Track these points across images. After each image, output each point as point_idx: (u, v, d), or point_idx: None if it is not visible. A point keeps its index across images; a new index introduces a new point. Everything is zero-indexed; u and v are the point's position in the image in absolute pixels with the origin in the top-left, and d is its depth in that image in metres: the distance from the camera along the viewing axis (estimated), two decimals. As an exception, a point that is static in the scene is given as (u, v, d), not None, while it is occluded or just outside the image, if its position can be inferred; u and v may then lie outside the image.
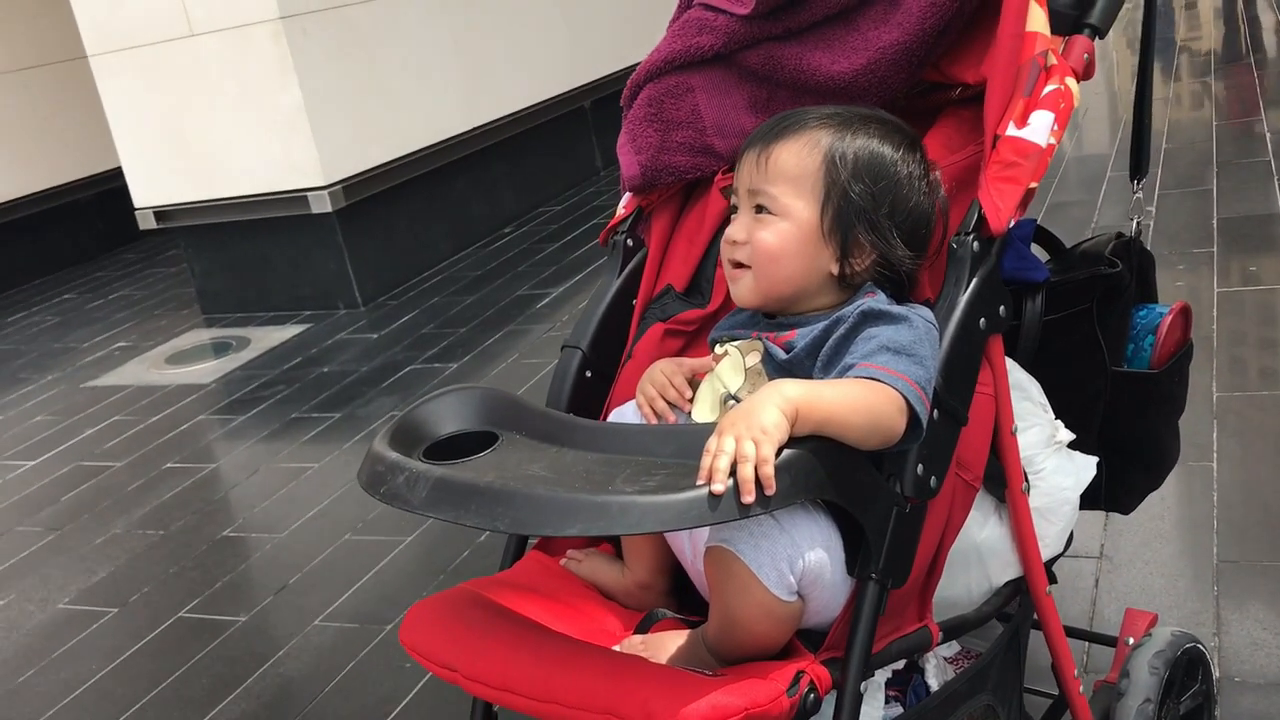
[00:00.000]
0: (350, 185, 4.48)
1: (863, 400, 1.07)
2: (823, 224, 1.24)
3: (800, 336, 1.22)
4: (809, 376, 1.20)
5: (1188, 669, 1.56)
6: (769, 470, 0.98)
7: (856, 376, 1.11)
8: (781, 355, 1.22)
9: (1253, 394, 2.63)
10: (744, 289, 1.28)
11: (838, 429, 1.05)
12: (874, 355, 1.13)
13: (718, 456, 0.99)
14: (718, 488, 0.97)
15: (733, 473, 0.98)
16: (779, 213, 1.25)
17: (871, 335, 1.15)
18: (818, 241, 1.24)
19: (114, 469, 3.42)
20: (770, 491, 0.98)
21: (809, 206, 1.24)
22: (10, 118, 5.91)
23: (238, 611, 2.50)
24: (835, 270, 1.25)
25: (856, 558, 1.12)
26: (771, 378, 1.23)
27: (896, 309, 1.18)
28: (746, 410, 1.02)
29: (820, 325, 1.21)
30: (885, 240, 1.23)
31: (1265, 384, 2.68)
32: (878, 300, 1.21)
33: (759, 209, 1.27)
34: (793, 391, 1.04)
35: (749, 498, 0.97)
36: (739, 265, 1.28)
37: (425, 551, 2.60)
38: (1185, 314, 1.62)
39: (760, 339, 1.26)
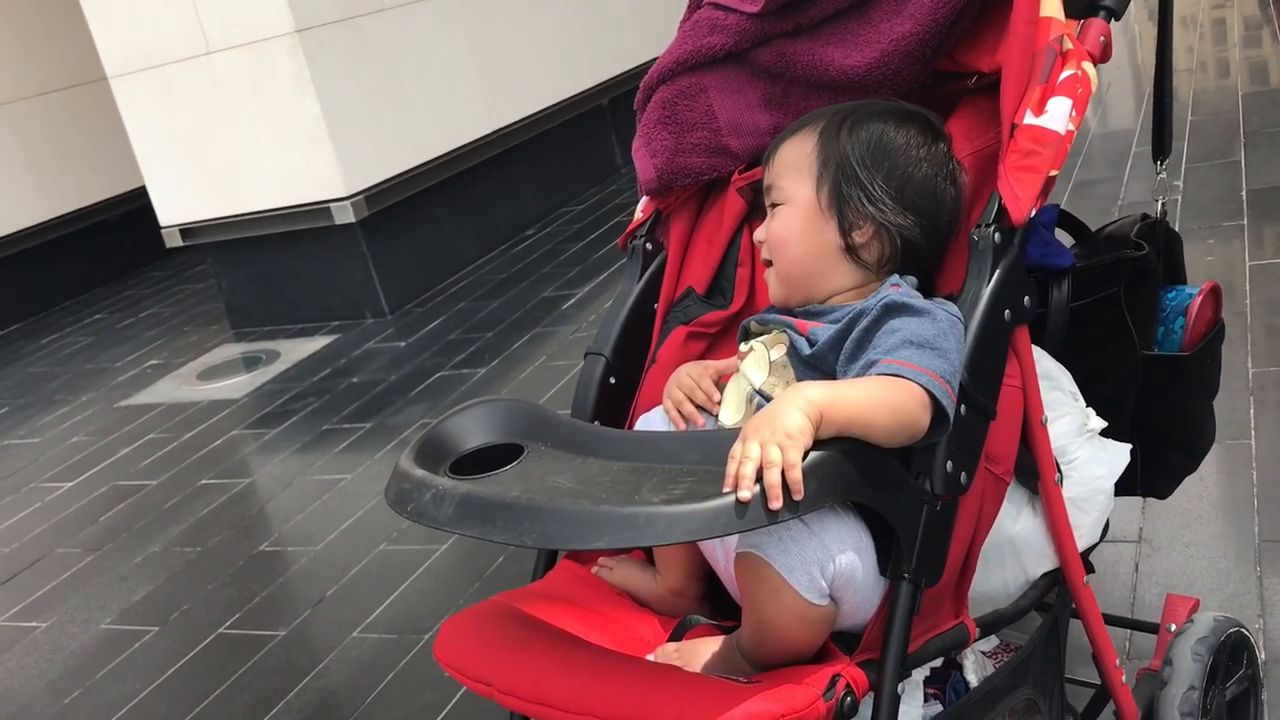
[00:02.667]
0: (372, 194, 4.49)
1: (886, 398, 1.07)
2: (820, 198, 1.27)
3: (824, 329, 1.22)
4: (833, 371, 1.20)
5: (1232, 654, 1.54)
6: (796, 475, 0.97)
7: (880, 373, 1.10)
8: (806, 349, 1.22)
9: (1289, 368, 2.60)
10: (771, 283, 1.33)
11: (863, 429, 1.04)
12: (897, 350, 1.12)
13: (743, 463, 0.98)
14: (745, 495, 0.96)
15: (759, 479, 0.97)
16: (784, 200, 1.30)
17: (894, 329, 1.14)
18: (819, 217, 1.27)
19: (150, 487, 3.45)
20: (798, 496, 0.98)
21: (807, 186, 1.28)
22: (35, 143, 5.97)
23: (276, 626, 2.51)
24: (840, 244, 1.26)
25: (888, 558, 1.11)
26: (796, 371, 1.22)
27: (919, 301, 1.18)
28: (770, 415, 1.01)
29: (844, 318, 1.20)
30: (880, 208, 1.24)
31: (1302, 357, 2.64)
32: (901, 292, 1.20)
33: (773, 206, 1.32)
34: (816, 394, 1.03)
35: (777, 503, 0.97)
36: (768, 264, 1.33)
37: (460, 559, 2.60)
38: (1215, 294, 1.59)
39: (787, 324, 1.26)
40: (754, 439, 0.99)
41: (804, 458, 0.99)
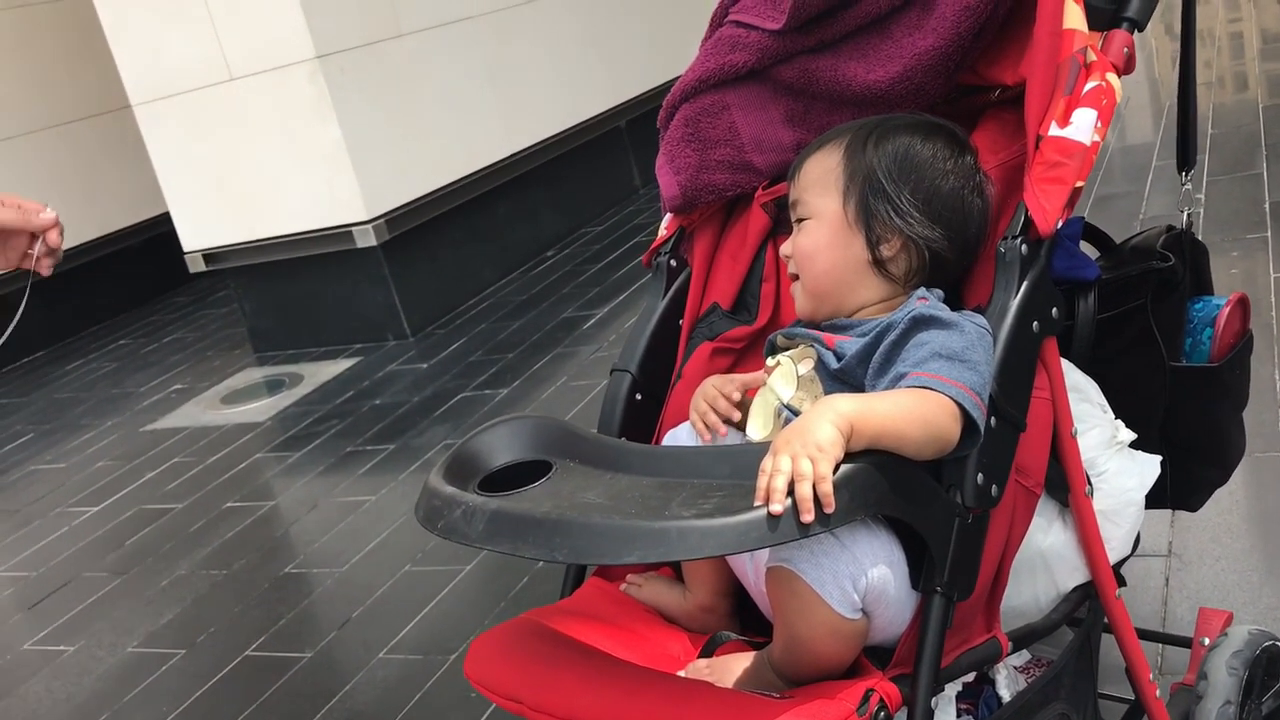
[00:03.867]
0: (393, 218, 4.52)
1: (917, 410, 1.06)
2: (847, 212, 1.27)
3: (851, 342, 1.22)
4: (861, 384, 1.19)
5: (1268, 668, 1.52)
6: (827, 487, 0.97)
7: (909, 385, 1.10)
8: (834, 363, 1.22)
9: (1317, 380, 2.58)
10: (798, 297, 1.33)
11: (894, 441, 1.04)
12: (926, 362, 1.12)
13: (774, 476, 0.98)
14: (776, 508, 0.96)
15: (790, 493, 0.97)
16: (811, 215, 1.30)
17: (923, 341, 1.14)
18: (846, 231, 1.27)
19: (175, 511, 3.47)
20: (829, 509, 0.97)
21: (834, 199, 1.28)
22: (61, 172, 6.03)
23: (303, 648, 2.52)
24: (868, 257, 1.26)
25: (920, 571, 1.11)
26: (824, 385, 1.22)
27: (947, 314, 1.17)
28: (801, 428, 1.01)
29: (872, 332, 1.20)
30: (907, 221, 1.24)
31: (1329, 369, 2.62)
32: (929, 305, 1.20)
33: (799, 221, 1.32)
34: (846, 407, 1.03)
35: (808, 516, 0.96)
36: (795, 278, 1.33)
37: (485, 579, 2.60)
38: (1243, 304, 1.58)
39: (814, 338, 1.26)
40: (784, 452, 0.99)
41: (835, 470, 0.99)
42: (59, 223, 1.52)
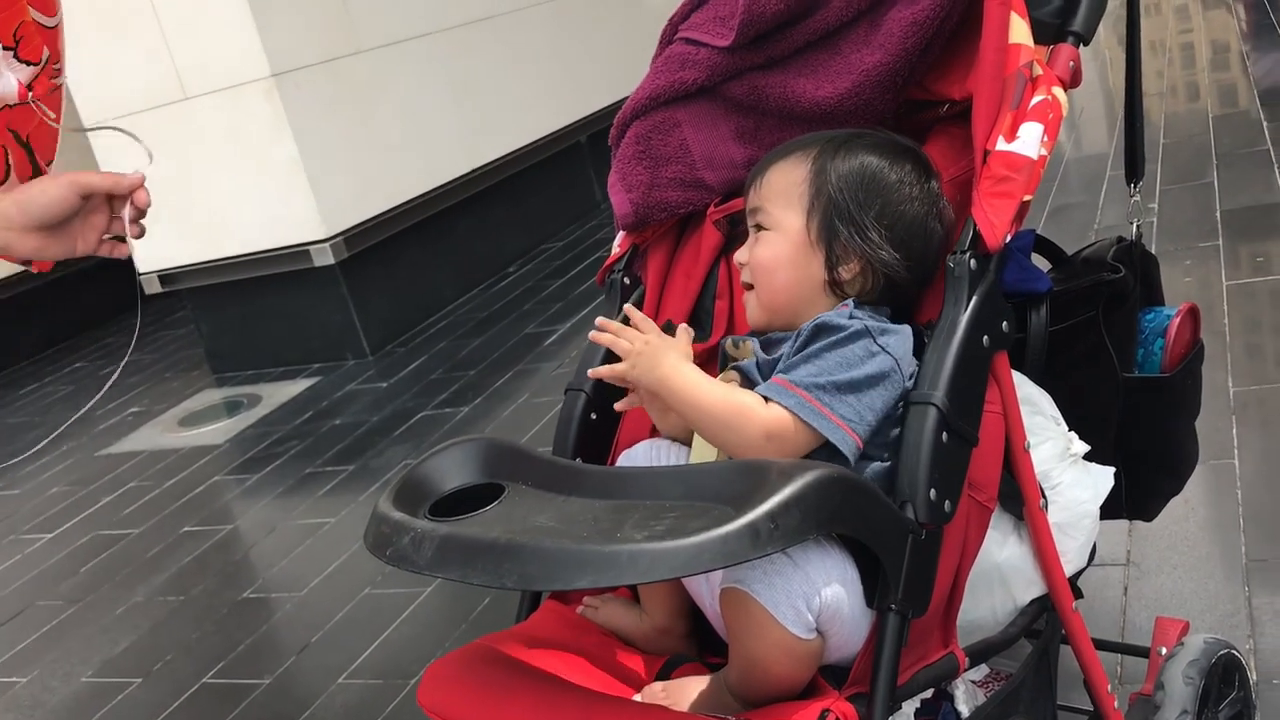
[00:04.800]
0: (351, 236, 4.49)
1: (723, 408, 1.17)
2: (809, 230, 1.26)
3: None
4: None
5: (1224, 676, 1.53)
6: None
7: (764, 388, 1.17)
8: (754, 373, 1.26)
9: (1270, 385, 2.60)
10: (751, 308, 1.32)
11: (689, 419, 1.21)
12: (796, 368, 1.16)
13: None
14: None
15: (743, 513, 0.96)
16: (771, 226, 1.29)
17: (811, 351, 1.17)
18: (807, 249, 1.26)
19: (132, 536, 3.41)
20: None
21: (798, 215, 1.27)
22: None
23: (261, 674, 2.48)
24: (825, 277, 1.26)
25: (875, 589, 1.10)
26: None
27: (846, 322, 1.18)
28: (647, 358, 1.23)
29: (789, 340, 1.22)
30: (870, 244, 1.23)
31: (1282, 375, 2.65)
32: (838, 314, 1.21)
33: (758, 228, 1.31)
34: (667, 371, 1.21)
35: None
36: (749, 287, 1.32)
37: (445, 602, 2.58)
38: (1194, 314, 1.60)
39: (747, 356, 1.28)
40: (630, 357, 1.24)
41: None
42: (145, 182, 1.43)
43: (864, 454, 1.15)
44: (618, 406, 1.35)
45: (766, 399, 1.15)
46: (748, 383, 1.24)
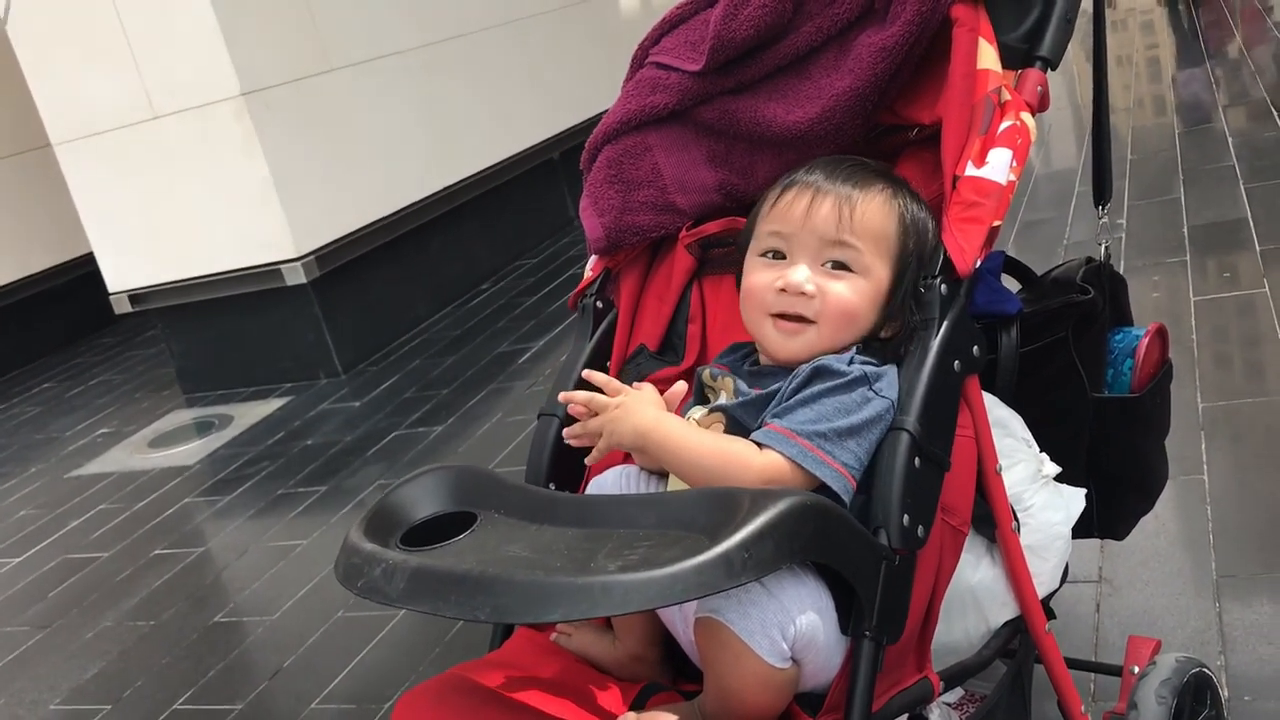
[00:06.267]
0: (323, 255, 4.46)
1: (715, 460, 1.15)
2: (895, 292, 1.22)
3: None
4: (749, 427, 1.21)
5: (1195, 694, 1.54)
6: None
7: (758, 435, 1.16)
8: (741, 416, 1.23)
9: (1238, 401, 2.63)
10: (800, 345, 1.23)
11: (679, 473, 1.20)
12: (793, 412, 1.16)
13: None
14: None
15: (717, 543, 0.96)
16: (861, 271, 1.22)
17: (807, 397, 1.16)
18: (880, 303, 1.23)
19: (102, 559, 3.37)
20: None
21: (885, 267, 1.22)
22: (-24, 212, 5.89)
23: (233, 700, 2.45)
24: (869, 332, 1.23)
25: (849, 616, 1.10)
26: (727, 426, 1.25)
27: (846, 368, 1.17)
28: (617, 422, 1.22)
29: (780, 383, 1.21)
30: (914, 313, 1.21)
31: (1250, 389, 2.67)
32: (838, 359, 1.19)
33: (837, 264, 1.23)
34: (646, 424, 1.20)
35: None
36: (799, 319, 1.23)
37: (420, 625, 2.56)
38: (1162, 334, 1.61)
39: (727, 392, 1.26)
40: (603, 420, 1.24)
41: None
42: None
43: None
44: (568, 435, 1.32)
45: (760, 444, 1.14)
46: (734, 424, 1.23)
